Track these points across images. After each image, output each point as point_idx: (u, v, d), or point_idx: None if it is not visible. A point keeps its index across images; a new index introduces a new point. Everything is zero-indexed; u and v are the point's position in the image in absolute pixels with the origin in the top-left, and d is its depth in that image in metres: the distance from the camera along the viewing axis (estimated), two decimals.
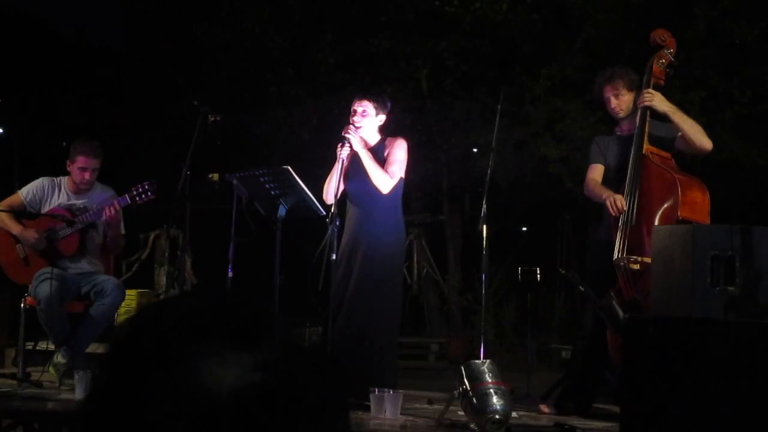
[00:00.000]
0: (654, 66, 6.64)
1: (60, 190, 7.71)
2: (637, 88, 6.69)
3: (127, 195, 7.40)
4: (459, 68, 12.43)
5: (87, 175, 7.63)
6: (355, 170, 6.88)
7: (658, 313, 5.51)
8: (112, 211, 7.34)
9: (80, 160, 7.60)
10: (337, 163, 6.83)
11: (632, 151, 6.47)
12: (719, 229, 5.42)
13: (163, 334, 1.13)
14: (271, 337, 1.15)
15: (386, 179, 6.80)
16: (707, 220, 6.26)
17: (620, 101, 6.75)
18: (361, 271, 6.79)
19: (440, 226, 13.51)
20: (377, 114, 7.01)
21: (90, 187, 7.74)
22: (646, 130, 6.52)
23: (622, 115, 6.79)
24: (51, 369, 7.23)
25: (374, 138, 7.04)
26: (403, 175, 6.94)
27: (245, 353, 1.11)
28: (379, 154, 6.94)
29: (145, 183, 7.37)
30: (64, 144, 8.45)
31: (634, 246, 6.31)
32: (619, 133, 6.89)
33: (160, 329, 1.13)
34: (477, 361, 6.08)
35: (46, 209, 7.63)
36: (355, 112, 6.98)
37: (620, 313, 6.08)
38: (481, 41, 12.21)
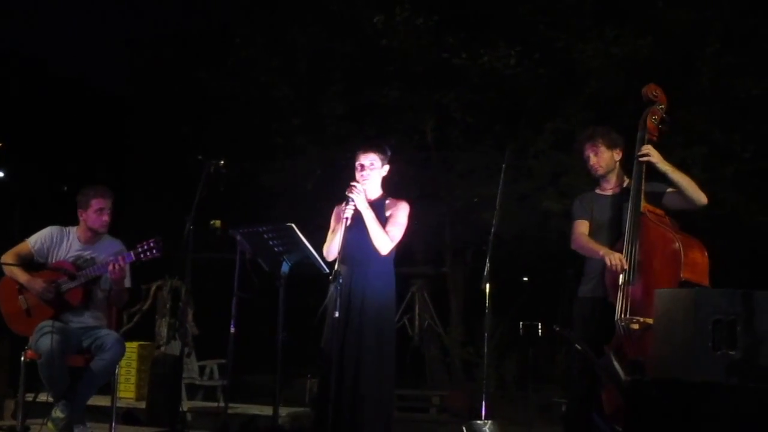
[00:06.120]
0: (648, 122, 6.68)
1: (68, 240, 7.67)
2: (617, 148, 6.85)
3: (132, 252, 7.33)
4: (464, 120, 12.42)
5: (105, 217, 7.59)
6: (353, 226, 6.67)
7: (659, 376, 5.50)
8: (117, 268, 7.30)
9: (96, 203, 7.57)
10: (340, 222, 6.69)
11: (630, 209, 6.46)
12: (721, 293, 5.40)
13: None
14: None
15: (387, 241, 6.73)
16: (706, 281, 6.25)
17: (599, 159, 6.87)
18: (357, 328, 6.71)
19: (442, 278, 13.46)
20: (382, 165, 6.97)
21: (106, 231, 7.69)
22: (643, 187, 6.53)
23: (600, 172, 6.91)
24: (50, 424, 7.16)
25: (376, 191, 6.98)
26: (401, 237, 6.91)
27: None
28: (380, 210, 6.87)
29: (151, 240, 7.28)
30: (65, 189, 8.41)
31: (635, 306, 6.28)
32: (600, 192, 6.96)
33: None
34: (479, 421, 6.07)
35: (53, 259, 7.59)
36: (362, 166, 6.92)
37: (621, 372, 6.06)
38: (488, 94, 12.21)
